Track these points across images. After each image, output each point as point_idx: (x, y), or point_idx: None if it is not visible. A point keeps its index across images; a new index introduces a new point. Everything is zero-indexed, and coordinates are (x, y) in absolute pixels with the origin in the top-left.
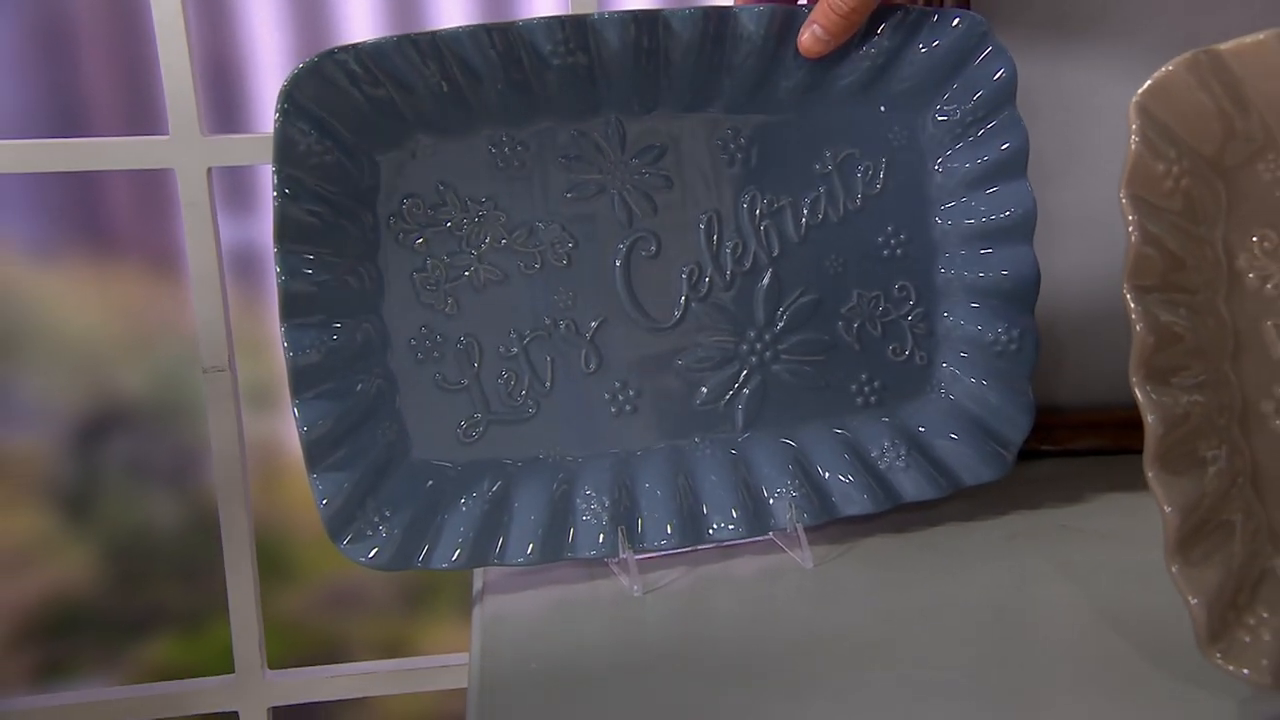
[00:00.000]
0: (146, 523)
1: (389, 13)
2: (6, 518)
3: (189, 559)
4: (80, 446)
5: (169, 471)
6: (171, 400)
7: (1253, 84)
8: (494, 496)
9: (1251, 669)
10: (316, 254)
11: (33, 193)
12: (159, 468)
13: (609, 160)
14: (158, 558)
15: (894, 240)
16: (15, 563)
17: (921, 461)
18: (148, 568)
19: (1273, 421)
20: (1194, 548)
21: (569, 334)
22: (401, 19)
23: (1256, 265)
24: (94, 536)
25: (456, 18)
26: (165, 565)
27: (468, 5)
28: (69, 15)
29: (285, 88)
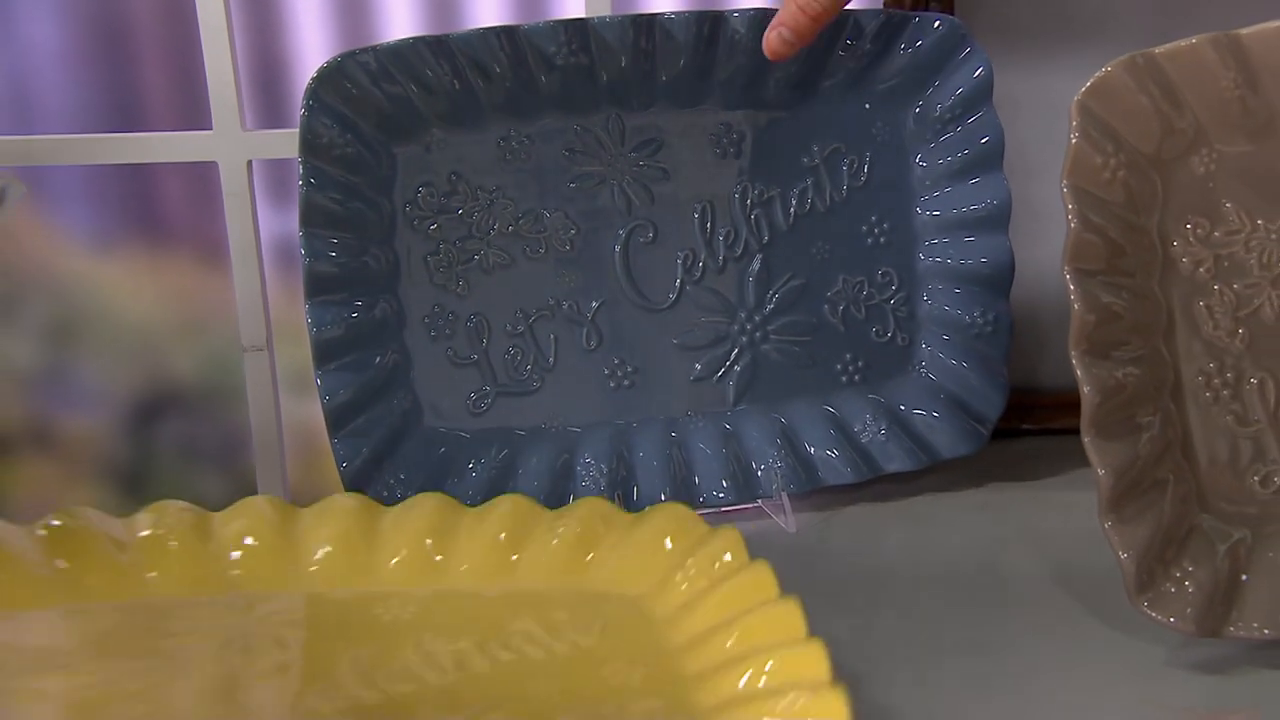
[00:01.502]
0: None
1: (427, 12)
2: (67, 494)
3: None
4: (135, 427)
5: (217, 452)
6: (220, 383)
7: (1186, 85)
8: (501, 462)
9: (1177, 617)
10: (339, 238)
11: (92, 186)
12: (208, 448)
13: (609, 153)
14: None
15: (877, 229)
16: None
17: (901, 436)
18: None
19: (1202, 394)
20: (1126, 506)
21: (571, 314)
22: (439, 18)
23: (1190, 251)
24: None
25: (491, 17)
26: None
27: (502, 5)
28: (126, 16)
29: (310, 86)
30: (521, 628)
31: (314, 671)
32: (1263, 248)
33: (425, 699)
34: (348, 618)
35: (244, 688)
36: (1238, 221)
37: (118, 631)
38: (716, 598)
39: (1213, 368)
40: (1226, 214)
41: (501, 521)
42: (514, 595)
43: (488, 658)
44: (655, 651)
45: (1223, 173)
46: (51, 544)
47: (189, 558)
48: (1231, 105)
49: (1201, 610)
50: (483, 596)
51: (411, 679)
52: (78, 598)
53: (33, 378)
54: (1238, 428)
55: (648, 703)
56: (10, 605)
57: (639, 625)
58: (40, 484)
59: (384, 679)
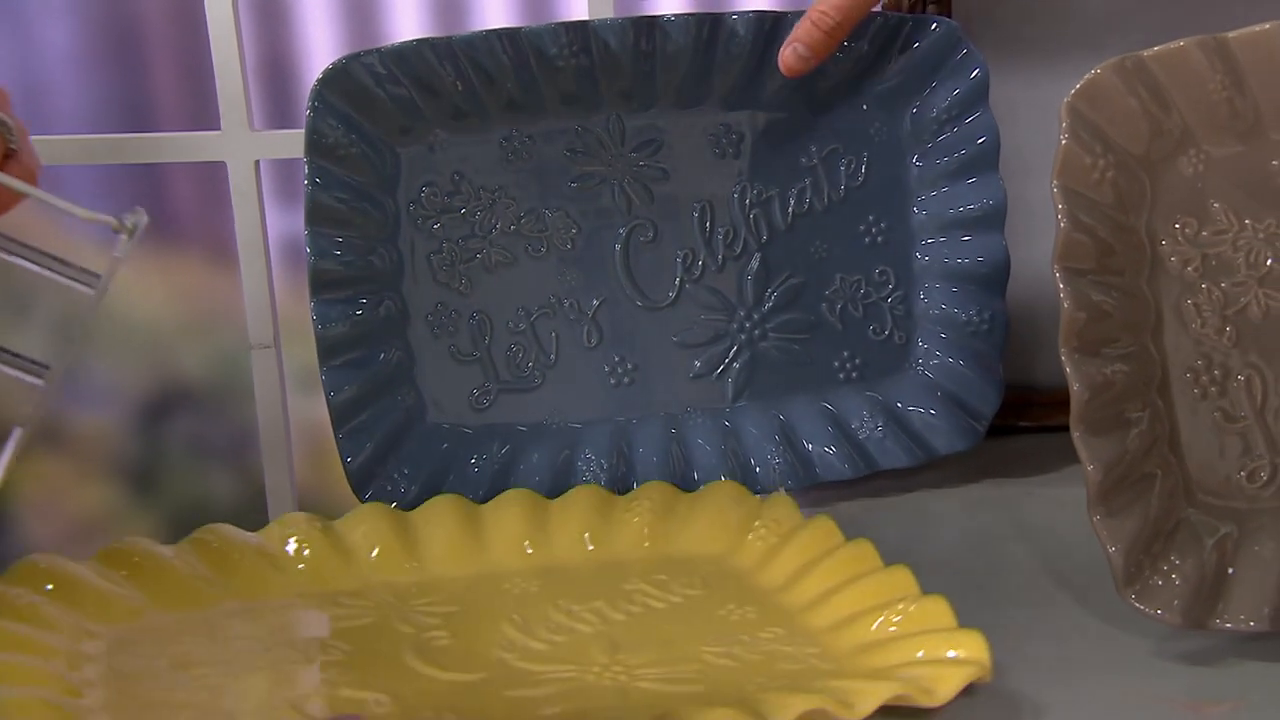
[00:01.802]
0: (206, 497)
1: (435, 12)
2: (78, 491)
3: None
4: (145, 424)
5: (226, 449)
6: (229, 381)
7: (1174, 87)
8: (503, 458)
9: (1164, 609)
10: (344, 236)
11: (103, 185)
12: (217, 445)
13: (610, 153)
14: None
15: (875, 228)
16: (86, 533)
17: (898, 432)
18: None
19: (1190, 390)
20: (1114, 500)
21: (573, 311)
22: (446, 18)
23: (1178, 250)
24: (157, 510)
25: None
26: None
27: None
28: (137, 18)
29: (316, 87)
30: (634, 588)
31: (483, 633)
32: (1250, 247)
33: (586, 643)
34: (485, 595)
35: (430, 650)
36: (1225, 221)
37: (310, 620)
38: (791, 548)
39: (1200, 365)
40: (1214, 214)
41: (582, 507)
42: (613, 565)
43: (621, 611)
44: (755, 594)
45: (1211, 173)
46: (198, 553)
47: (331, 560)
48: (1219, 107)
49: (1188, 603)
50: (586, 569)
51: (565, 630)
52: (255, 596)
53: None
54: (1225, 424)
55: (771, 630)
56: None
57: (730, 576)
58: (51, 480)
59: (544, 632)
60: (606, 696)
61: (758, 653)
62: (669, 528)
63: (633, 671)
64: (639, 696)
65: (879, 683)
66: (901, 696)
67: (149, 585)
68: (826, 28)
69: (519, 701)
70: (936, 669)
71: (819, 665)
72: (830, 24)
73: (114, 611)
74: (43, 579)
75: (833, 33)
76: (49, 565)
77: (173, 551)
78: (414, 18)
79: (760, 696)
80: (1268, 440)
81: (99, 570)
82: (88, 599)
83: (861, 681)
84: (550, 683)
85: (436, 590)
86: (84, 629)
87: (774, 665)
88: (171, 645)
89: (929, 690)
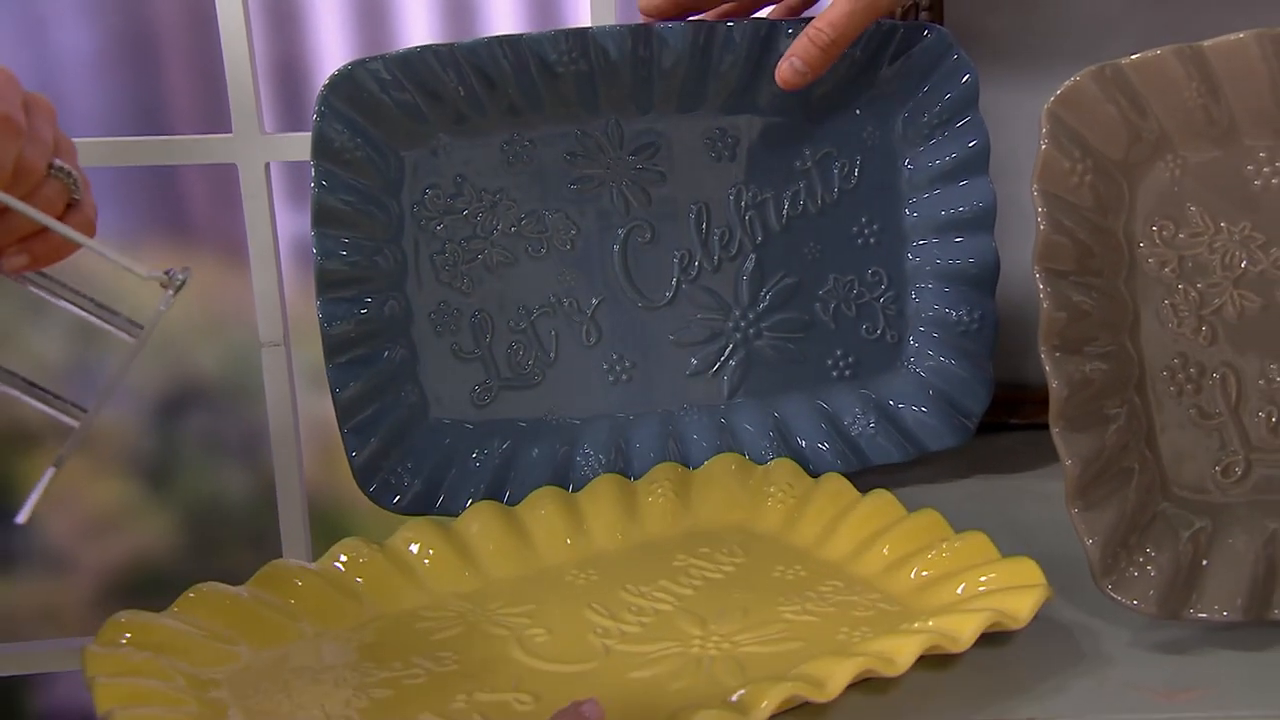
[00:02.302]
0: (219, 493)
1: (445, 17)
2: (96, 486)
3: (256, 527)
4: (160, 421)
5: (239, 446)
6: (241, 379)
7: (1151, 94)
8: (504, 453)
9: (1140, 599)
10: (349, 237)
11: (120, 186)
12: (230, 443)
13: (608, 156)
14: (229, 526)
15: (867, 230)
16: (104, 527)
17: (890, 429)
18: (220, 535)
19: (1167, 388)
20: (1092, 494)
21: (572, 310)
22: (456, 22)
23: (1156, 252)
24: (173, 505)
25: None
26: (235, 533)
27: (518, 9)
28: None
29: (322, 92)
30: (685, 564)
31: (573, 625)
32: (1225, 249)
33: (673, 619)
34: (552, 590)
35: (535, 647)
36: (1201, 224)
37: (401, 637)
38: (813, 507)
39: (1177, 363)
40: (1191, 217)
41: (607, 497)
42: (652, 545)
43: (686, 586)
44: (795, 553)
45: (1187, 177)
46: (269, 589)
47: (394, 579)
48: (1195, 113)
49: (1163, 593)
50: (629, 553)
51: (648, 611)
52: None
53: (62, 373)
54: (1201, 420)
55: (830, 584)
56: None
57: (763, 540)
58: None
59: (630, 615)
60: (721, 665)
61: (830, 605)
62: (689, 504)
63: (731, 639)
64: (750, 661)
65: (970, 614)
66: (994, 624)
67: (238, 627)
68: (822, 44)
69: (644, 682)
70: (1007, 596)
71: (887, 609)
72: (826, 40)
73: (212, 656)
74: (125, 631)
75: (828, 49)
76: (131, 620)
77: (246, 591)
78: (424, 21)
79: (875, 643)
80: (1242, 437)
81: (184, 619)
82: (189, 647)
83: (954, 616)
84: (661, 661)
85: (503, 592)
86: (191, 674)
87: (850, 614)
88: (280, 678)
89: (1013, 616)
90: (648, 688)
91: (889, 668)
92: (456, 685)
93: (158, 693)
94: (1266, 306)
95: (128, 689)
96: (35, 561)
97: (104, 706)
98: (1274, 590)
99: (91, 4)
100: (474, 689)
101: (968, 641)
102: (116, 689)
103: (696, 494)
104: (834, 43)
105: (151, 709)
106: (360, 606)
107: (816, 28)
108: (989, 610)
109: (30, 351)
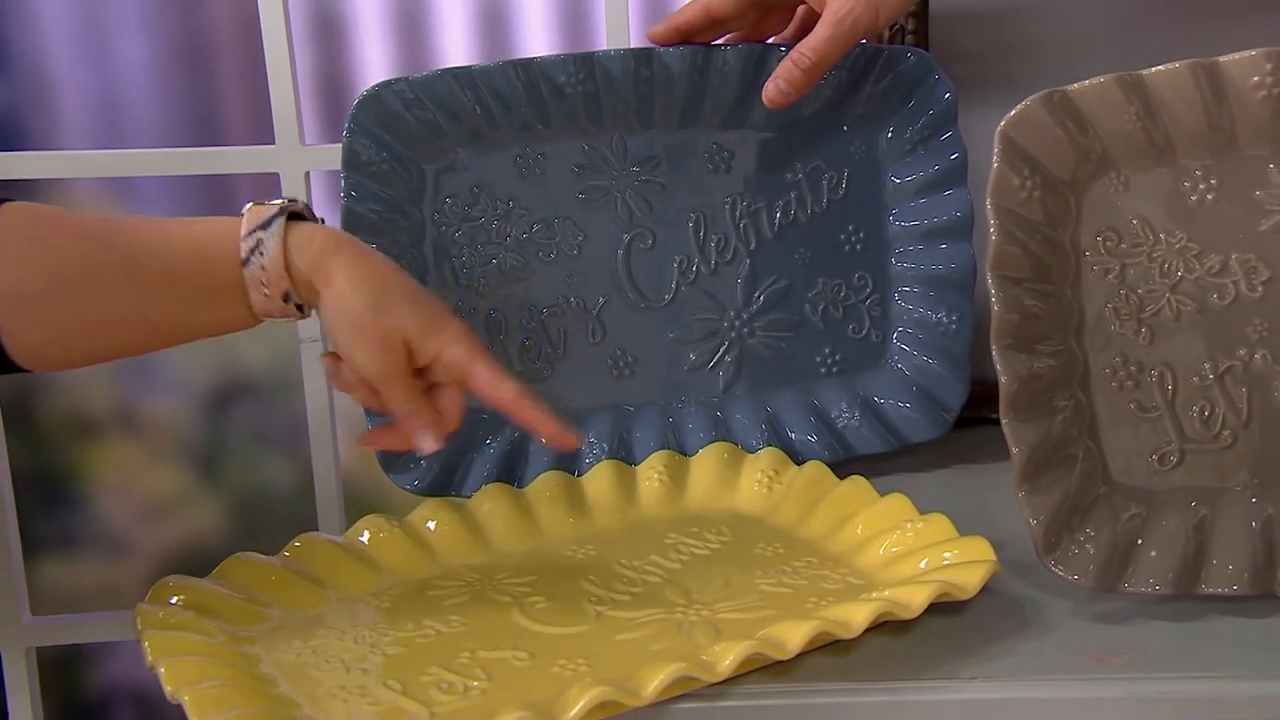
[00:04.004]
0: (264, 482)
1: (480, 31)
2: (149, 473)
3: (298, 514)
4: (209, 415)
5: (284, 438)
6: (285, 374)
7: (1095, 117)
8: (514, 440)
9: (1080, 574)
10: (376, 242)
11: (174, 195)
12: (274, 434)
13: (613, 169)
14: (273, 512)
15: (854, 237)
16: (158, 513)
17: (874, 422)
18: (265, 521)
19: (1109, 384)
20: (1038, 478)
21: (579, 310)
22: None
23: (1100, 260)
24: (221, 492)
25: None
26: (279, 519)
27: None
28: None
29: (352, 111)
30: (675, 542)
31: (570, 594)
32: (1164, 258)
33: (661, 590)
34: (553, 563)
35: (534, 612)
36: (1142, 235)
37: (417, 603)
38: (795, 491)
39: (1119, 361)
40: (1132, 229)
41: (607, 481)
42: (647, 525)
43: (675, 561)
44: (776, 533)
45: (1129, 193)
46: (300, 560)
47: (410, 552)
48: (1136, 135)
49: (1101, 569)
50: (626, 531)
51: (638, 583)
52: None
53: (119, 367)
54: (1139, 414)
55: (804, 560)
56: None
57: (748, 521)
58: (125, 463)
59: (621, 586)
60: (700, 630)
61: (803, 578)
62: (683, 488)
63: (711, 607)
64: (726, 626)
65: (922, 585)
66: (942, 594)
67: (271, 591)
68: (805, 67)
69: (630, 643)
70: (959, 570)
71: (854, 582)
72: (808, 64)
73: (248, 616)
74: (172, 593)
75: (810, 72)
76: (178, 584)
77: (279, 561)
78: (461, 36)
79: (834, 610)
80: (1177, 429)
81: (224, 583)
82: (227, 608)
83: (909, 587)
84: (647, 625)
85: (509, 565)
86: (229, 631)
87: (819, 586)
88: (307, 636)
89: (961, 587)
90: (632, 647)
91: (845, 630)
92: (462, 643)
93: (199, 645)
94: (1201, 310)
95: (173, 641)
96: (95, 544)
97: (152, 655)
98: (1202, 567)
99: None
100: (477, 647)
101: (919, 608)
102: (164, 641)
103: (690, 479)
104: (815, 65)
105: (193, 658)
106: (380, 576)
107: (800, 52)
108: (940, 581)
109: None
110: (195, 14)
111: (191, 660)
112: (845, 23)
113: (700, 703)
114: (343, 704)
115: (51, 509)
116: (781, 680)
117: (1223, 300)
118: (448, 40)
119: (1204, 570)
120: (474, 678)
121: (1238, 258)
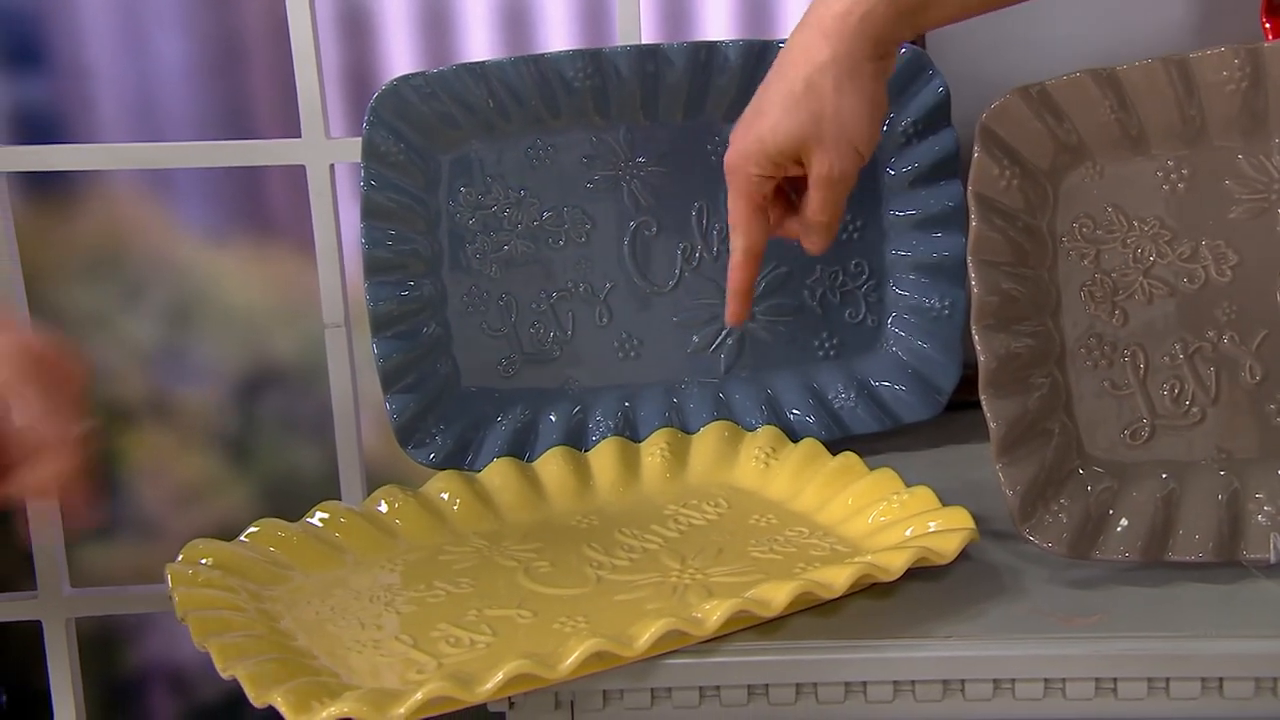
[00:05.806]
0: (293, 468)
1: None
2: (182, 458)
3: (326, 499)
4: (240, 402)
5: (311, 424)
6: (313, 362)
7: (1072, 110)
8: (525, 417)
9: (1054, 543)
10: (394, 229)
11: (208, 186)
12: (303, 421)
13: (620, 159)
14: (302, 497)
15: (851, 226)
16: (190, 498)
17: (870, 403)
18: (294, 506)
19: (1084, 362)
20: (1015, 451)
21: (587, 295)
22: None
23: (1077, 245)
24: (251, 478)
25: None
26: (307, 504)
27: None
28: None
29: (372, 104)
30: (674, 512)
31: (573, 559)
32: (1137, 244)
33: (658, 556)
34: (559, 531)
35: (538, 575)
36: (1117, 222)
37: (429, 567)
38: (789, 466)
39: (1093, 341)
40: (1108, 215)
41: (612, 455)
42: (649, 498)
43: (673, 530)
44: (770, 505)
45: (1105, 181)
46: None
47: (425, 520)
48: (1111, 127)
49: (1074, 537)
50: (629, 503)
51: (637, 550)
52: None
53: (153, 355)
54: (1112, 391)
55: (796, 529)
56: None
57: (744, 494)
58: (159, 449)
59: (621, 553)
60: (693, 592)
61: (792, 546)
62: (684, 463)
63: (704, 571)
64: (717, 589)
65: (902, 550)
66: (921, 559)
67: (292, 554)
68: (819, 230)
69: (626, 604)
70: (939, 537)
71: (841, 549)
72: (820, 225)
73: (270, 577)
74: (201, 555)
75: (826, 230)
76: (206, 546)
77: (301, 526)
78: (484, 31)
79: (819, 571)
80: (1148, 405)
81: (249, 546)
82: (252, 569)
83: (889, 552)
84: (644, 588)
85: (517, 533)
86: (253, 590)
87: (808, 553)
88: (324, 596)
89: (940, 553)
90: (628, 607)
91: (827, 591)
92: (470, 603)
93: (225, 601)
94: (1172, 294)
95: (201, 597)
96: (130, 528)
97: (182, 610)
98: (1170, 536)
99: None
100: (484, 606)
101: (898, 571)
102: (192, 597)
103: (691, 455)
104: (827, 224)
105: (219, 613)
106: (395, 542)
107: (807, 224)
108: (918, 547)
109: (124, 336)
110: (230, 12)
111: (217, 614)
112: (831, 177)
113: (692, 659)
114: (357, 655)
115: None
116: (769, 639)
117: (1193, 284)
118: (471, 37)
119: (1171, 539)
120: (480, 633)
121: (1208, 244)
